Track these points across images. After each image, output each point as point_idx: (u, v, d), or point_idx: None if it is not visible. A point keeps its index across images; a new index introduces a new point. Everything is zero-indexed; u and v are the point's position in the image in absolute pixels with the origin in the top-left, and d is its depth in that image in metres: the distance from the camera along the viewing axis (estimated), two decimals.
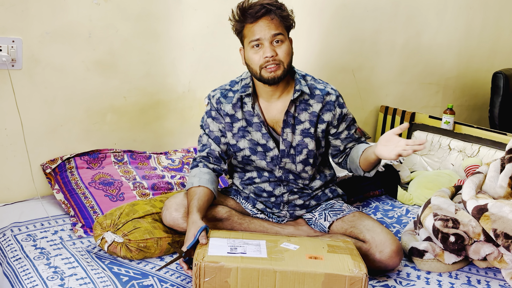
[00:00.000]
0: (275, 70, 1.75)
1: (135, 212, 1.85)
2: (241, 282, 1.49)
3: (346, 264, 1.52)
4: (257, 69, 1.76)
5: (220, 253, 1.52)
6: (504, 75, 3.36)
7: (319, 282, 1.48)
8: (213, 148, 1.90)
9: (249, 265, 1.49)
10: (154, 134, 2.54)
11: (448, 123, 2.91)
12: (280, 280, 1.49)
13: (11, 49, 2.05)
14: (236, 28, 1.80)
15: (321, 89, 1.87)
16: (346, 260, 1.54)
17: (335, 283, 1.48)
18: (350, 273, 1.49)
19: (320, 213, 1.94)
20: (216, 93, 1.91)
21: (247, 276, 1.49)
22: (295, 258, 1.55)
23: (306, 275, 1.48)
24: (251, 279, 1.49)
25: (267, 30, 1.73)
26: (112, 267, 1.72)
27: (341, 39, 3.05)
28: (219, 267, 1.48)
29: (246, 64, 1.82)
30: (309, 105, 1.85)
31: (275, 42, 1.75)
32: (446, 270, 1.84)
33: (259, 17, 1.73)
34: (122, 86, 2.38)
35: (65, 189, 2.14)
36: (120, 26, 2.31)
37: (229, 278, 1.48)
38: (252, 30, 1.74)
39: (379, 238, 1.75)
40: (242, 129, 1.87)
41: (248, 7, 1.74)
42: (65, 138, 2.28)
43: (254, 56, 1.76)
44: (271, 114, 1.87)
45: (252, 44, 1.75)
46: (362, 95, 3.24)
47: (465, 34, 3.66)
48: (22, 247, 1.82)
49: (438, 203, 1.94)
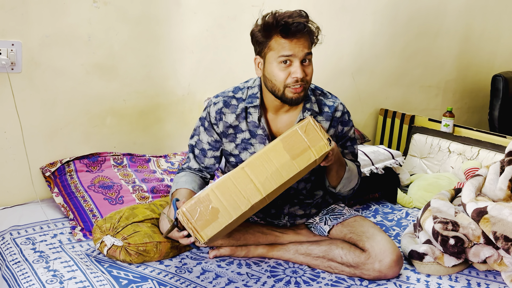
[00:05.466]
0: (300, 91, 1.69)
1: (135, 216, 1.85)
2: (224, 197, 1.51)
3: (293, 127, 1.61)
4: (280, 86, 1.68)
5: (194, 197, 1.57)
6: (503, 78, 3.36)
7: (281, 149, 1.55)
8: (191, 165, 1.89)
9: (219, 181, 1.53)
10: (153, 137, 2.54)
11: (448, 126, 2.91)
12: (251, 172, 1.53)
13: (10, 53, 2.06)
14: (260, 37, 1.69)
15: (330, 106, 1.83)
16: (292, 127, 1.64)
17: (293, 140, 1.57)
18: (298, 125, 1.58)
19: (320, 217, 1.93)
20: (218, 101, 1.83)
21: (224, 189, 1.52)
22: (254, 155, 1.61)
23: (268, 152, 1.55)
24: (229, 189, 1.52)
25: (301, 48, 1.65)
26: (112, 271, 1.72)
27: (341, 42, 3.06)
28: (197, 200, 1.51)
29: (265, 76, 1.73)
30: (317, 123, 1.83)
31: (304, 62, 1.68)
32: (446, 273, 1.83)
33: (297, 35, 1.64)
34: (122, 89, 2.38)
35: (65, 192, 2.14)
36: (120, 29, 2.31)
37: (211, 202, 1.51)
38: (285, 45, 1.64)
39: (378, 247, 1.73)
40: (245, 141, 1.83)
41: (289, 21, 1.63)
42: (65, 141, 2.28)
43: (281, 73, 1.67)
44: (277, 127, 1.82)
45: (281, 60, 1.65)
46: (361, 98, 3.24)
47: (465, 37, 3.66)
48: (21, 251, 1.82)
49: (437, 206, 1.94)
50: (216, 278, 1.72)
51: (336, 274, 1.78)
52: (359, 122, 3.25)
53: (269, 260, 1.87)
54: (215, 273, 1.75)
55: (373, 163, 2.57)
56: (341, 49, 3.07)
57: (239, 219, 1.55)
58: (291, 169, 1.55)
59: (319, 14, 2.92)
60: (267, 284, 1.71)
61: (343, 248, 1.78)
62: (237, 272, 1.77)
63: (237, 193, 1.52)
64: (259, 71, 1.76)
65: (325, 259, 1.80)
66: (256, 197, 1.52)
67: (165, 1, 2.40)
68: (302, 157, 1.56)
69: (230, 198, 1.51)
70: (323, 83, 2.84)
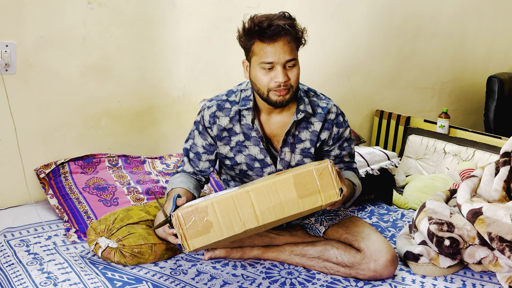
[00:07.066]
0: (284, 94, 1.69)
1: (130, 217, 1.84)
2: (221, 214, 1.50)
3: (310, 165, 1.59)
4: (264, 90, 1.70)
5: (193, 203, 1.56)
6: (498, 79, 3.37)
7: (291, 185, 1.52)
8: (185, 168, 1.90)
9: (221, 197, 1.52)
10: (149, 138, 2.53)
11: (443, 127, 2.91)
12: (255, 198, 1.51)
13: (4, 54, 2.05)
14: (244, 43, 1.70)
15: (323, 107, 1.83)
16: (309, 165, 1.63)
17: (305, 180, 1.53)
18: (315, 166, 1.54)
19: (316, 218, 1.93)
20: (212, 104, 1.84)
21: (224, 206, 1.50)
22: (263, 180, 1.60)
23: (277, 183, 1.53)
24: (229, 207, 1.50)
25: (281, 55, 1.64)
26: (106, 273, 1.71)
27: (336, 44, 3.06)
28: (194, 209, 1.50)
29: (251, 80, 1.75)
30: (311, 124, 1.83)
31: (287, 66, 1.68)
32: (441, 274, 1.83)
33: (275, 39, 1.64)
34: (117, 90, 2.38)
35: (59, 194, 2.13)
36: (115, 30, 2.31)
37: (208, 215, 1.49)
38: (266, 51, 1.65)
39: (373, 247, 1.74)
40: (240, 144, 1.84)
41: (266, 26, 1.62)
42: (59, 143, 2.27)
43: (264, 78, 1.68)
44: (271, 128, 1.83)
45: (263, 66, 1.67)
46: (357, 99, 3.24)
47: (460, 39, 3.68)
48: (15, 253, 1.81)
49: (433, 207, 1.94)
50: (211, 280, 1.72)
51: (332, 275, 1.78)
52: (354, 124, 3.26)
53: (265, 261, 1.86)
54: (210, 275, 1.75)
55: (368, 164, 2.57)
56: (336, 51, 3.07)
57: (230, 238, 1.54)
58: (294, 207, 1.53)
59: (314, 15, 2.93)
60: (262, 285, 1.71)
61: (338, 248, 1.78)
62: (232, 274, 1.77)
63: (235, 214, 1.50)
64: (247, 74, 1.78)
65: (321, 259, 1.80)
66: (252, 223, 1.51)
67: (161, 2, 2.40)
68: (309, 199, 1.53)
69: (226, 217, 1.50)
70: (318, 84, 2.85)
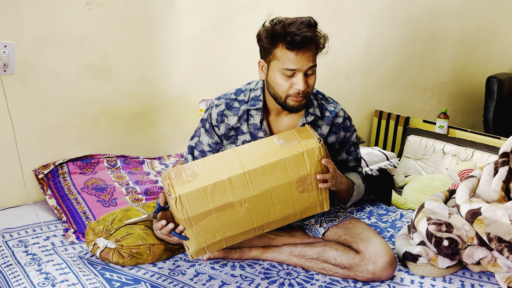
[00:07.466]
0: (301, 100, 1.69)
1: (128, 218, 1.84)
2: (207, 167, 1.59)
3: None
4: (283, 95, 1.69)
5: None
6: (498, 79, 3.37)
7: (272, 139, 1.65)
8: None
9: (209, 156, 1.63)
10: (147, 139, 2.53)
11: (442, 128, 2.91)
12: (241, 153, 1.62)
13: (3, 54, 2.05)
14: (266, 43, 1.66)
15: (331, 111, 1.84)
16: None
17: (286, 135, 1.66)
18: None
19: (316, 219, 1.92)
20: (220, 103, 1.83)
21: (210, 161, 1.61)
22: None
23: (261, 141, 1.66)
24: (215, 161, 1.61)
25: (305, 62, 1.63)
26: (104, 273, 1.71)
27: (335, 44, 3.05)
28: (182, 166, 1.60)
29: (267, 82, 1.72)
30: (318, 127, 1.83)
31: (307, 73, 1.67)
32: (440, 275, 1.83)
33: (302, 48, 1.62)
34: (116, 91, 2.38)
35: (58, 194, 2.13)
36: (114, 30, 2.31)
37: (194, 167, 1.59)
38: (289, 58, 1.63)
39: (372, 249, 1.73)
40: (246, 143, 1.82)
41: (296, 33, 1.60)
42: (58, 143, 2.27)
43: (284, 84, 1.67)
44: (278, 129, 1.83)
45: (285, 72, 1.65)
46: (356, 100, 3.24)
47: (460, 39, 3.67)
48: (13, 253, 1.80)
49: (431, 207, 1.94)
50: (210, 280, 1.72)
51: (330, 276, 1.78)
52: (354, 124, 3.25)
53: (263, 262, 1.86)
54: (208, 275, 1.75)
55: (367, 165, 2.57)
56: (335, 51, 3.06)
57: (223, 213, 1.58)
58: (277, 155, 1.60)
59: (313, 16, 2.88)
60: (260, 286, 1.70)
61: (337, 250, 1.78)
62: (230, 274, 1.76)
63: (221, 165, 1.59)
64: (262, 75, 1.75)
65: (319, 260, 1.79)
66: (237, 171, 1.57)
67: (159, 2, 2.40)
68: (290, 148, 1.61)
69: (213, 169, 1.59)
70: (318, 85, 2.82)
